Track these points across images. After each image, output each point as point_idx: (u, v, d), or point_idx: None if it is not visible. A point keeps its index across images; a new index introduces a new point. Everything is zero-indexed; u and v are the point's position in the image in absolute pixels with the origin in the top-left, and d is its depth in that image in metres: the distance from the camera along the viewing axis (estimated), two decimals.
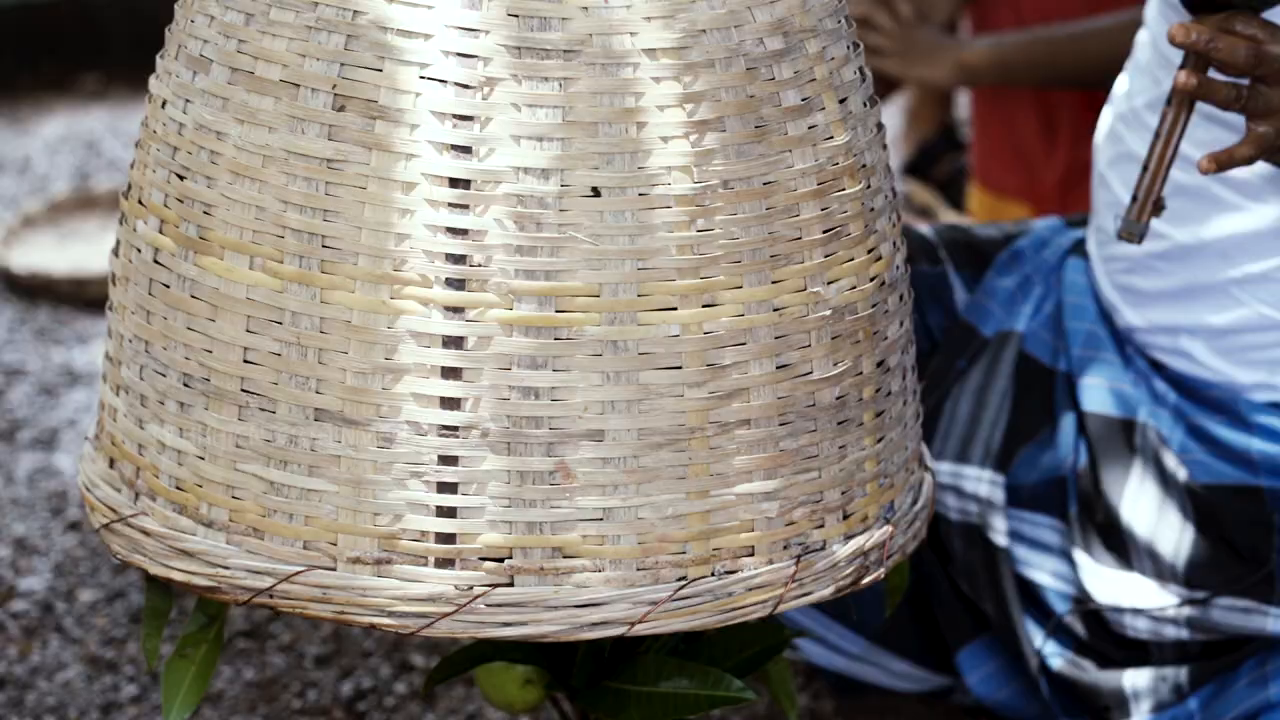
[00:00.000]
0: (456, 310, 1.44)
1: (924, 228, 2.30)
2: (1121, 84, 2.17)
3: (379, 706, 2.36)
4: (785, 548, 1.53)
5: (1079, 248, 2.24)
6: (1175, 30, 1.74)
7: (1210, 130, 2.00)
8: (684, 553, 1.50)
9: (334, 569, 1.48)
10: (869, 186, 1.56)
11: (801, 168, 1.51)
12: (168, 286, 1.51)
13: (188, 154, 1.49)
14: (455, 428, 1.45)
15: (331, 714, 2.34)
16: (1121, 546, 2.09)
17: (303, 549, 1.48)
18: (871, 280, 1.56)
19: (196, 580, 1.50)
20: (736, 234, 1.48)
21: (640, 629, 1.49)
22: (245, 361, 1.47)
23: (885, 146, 1.61)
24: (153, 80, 1.55)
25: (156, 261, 1.51)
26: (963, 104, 4.00)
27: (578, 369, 1.46)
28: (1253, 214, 2.03)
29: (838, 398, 1.54)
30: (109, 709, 2.35)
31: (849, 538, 1.57)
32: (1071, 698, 2.13)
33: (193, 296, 1.49)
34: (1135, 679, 2.08)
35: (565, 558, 1.48)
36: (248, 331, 1.47)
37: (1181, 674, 2.07)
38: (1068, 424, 2.14)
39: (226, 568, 1.49)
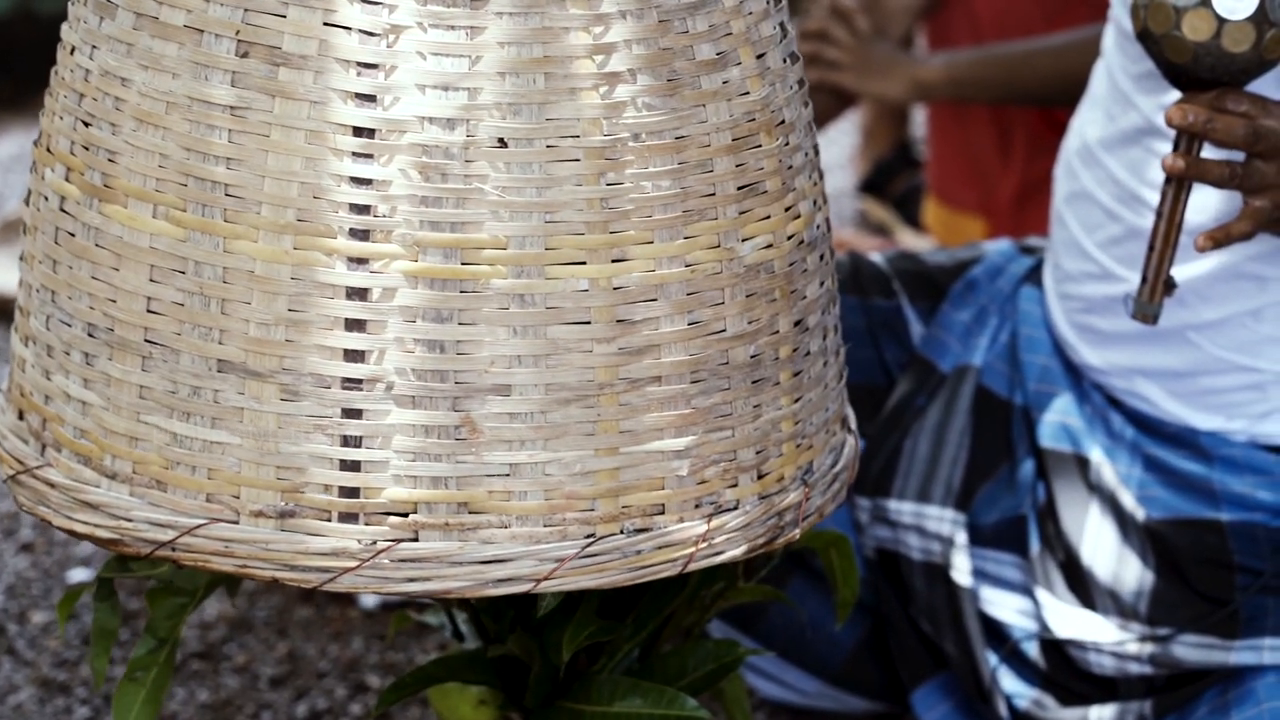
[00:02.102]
0: (361, 261, 1.43)
1: (876, 257, 2.29)
2: (1078, 117, 2.15)
3: None
4: (697, 506, 1.52)
5: (1033, 275, 2.22)
6: (1171, 113, 1.74)
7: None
8: (592, 510, 1.48)
9: (237, 522, 1.46)
10: (787, 143, 1.54)
11: (716, 122, 1.49)
12: (73, 235, 1.49)
13: (93, 100, 1.48)
14: (359, 381, 1.44)
15: None
16: (1083, 586, 2.08)
17: (205, 502, 1.46)
18: (790, 239, 1.55)
19: (99, 533, 1.48)
20: (647, 188, 1.46)
21: (546, 585, 1.47)
22: (148, 311, 1.46)
23: (807, 104, 1.59)
24: (64, 27, 1.53)
25: (63, 210, 1.50)
26: (919, 121, 3.99)
27: (484, 323, 1.44)
28: (1208, 260, 2.01)
29: (752, 356, 1.53)
30: None
31: (764, 498, 1.55)
32: None
33: (97, 245, 1.47)
34: (1101, 713, 2.08)
35: (471, 513, 1.46)
36: (151, 281, 1.46)
37: (1146, 706, 2.06)
38: (1026, 460, 2.13)
39: (129, 520, 1.47)
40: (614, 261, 1.46)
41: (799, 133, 1.56)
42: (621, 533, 1.49)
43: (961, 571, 2.12)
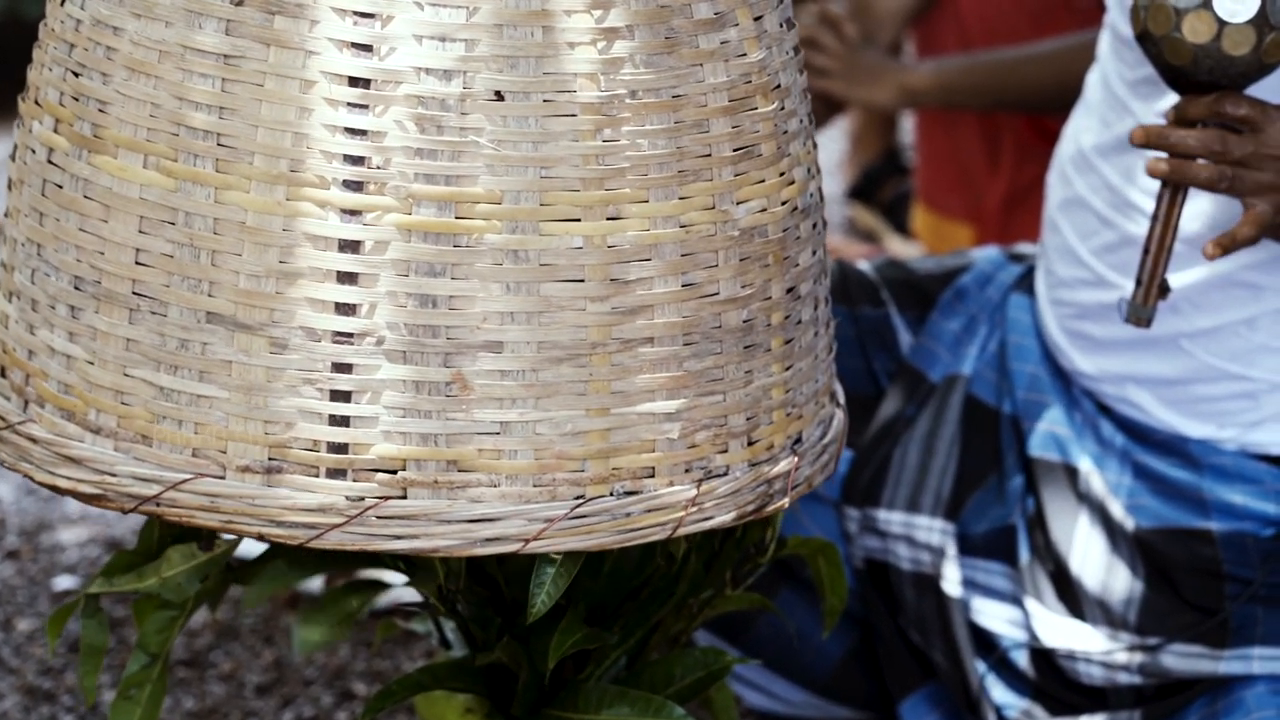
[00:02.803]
0: (354, 213, 1.41)
1: (864, 265, 2.28)
2: (1071, 124, 2.15)
3: None
4: (687, 470, 1.50)
5: (1022, 283, 2.21)
6: (1135, 133, 1.76)
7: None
8: (582, 471, 1.47)
9: (223, 477, 1.44)
10: (782, 108, 1.54)
11: (713, 83, 1.48)
12: (61, 187, 1.47)
13: (84, 50, 1.46)
14: (350, 334, 1.42)
15: None
16: (1072, 595, 2.07)
17: (191, 456, 1.45)
18: (783, 204, 1.54)
19: (82, 488, 1.46)
20: (643, 146, 1.45)
21: (535, 546, 1.45)
22: (137, 263, 1.44)
23: (802, 71, 1.58)
24: None
25: (50, 162, 1.48)
26: (907, 128, 4.00)
27: (477, 278, 1.43)
28: (1202, 268, 2.01)
29: (745, 321, 1.52)
30: None
31: (753, 465, 1.54)
32: None
33: (85, 196, 1.46)
34: None
35: (460, 471, 1.44)
36: (140, 232, 1.44)
37: (1135, 716, 2.05)
38: (1015, 469, 2.12)
39: (113, 475, 1.45)
40: (608, 219, 1.45)
41: (794, 98, 1.55)
42: (611, 495, 1.48)
43: (951, 582, 2.11)
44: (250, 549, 1.69)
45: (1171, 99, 1.98)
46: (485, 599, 1.71)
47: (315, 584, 2.50)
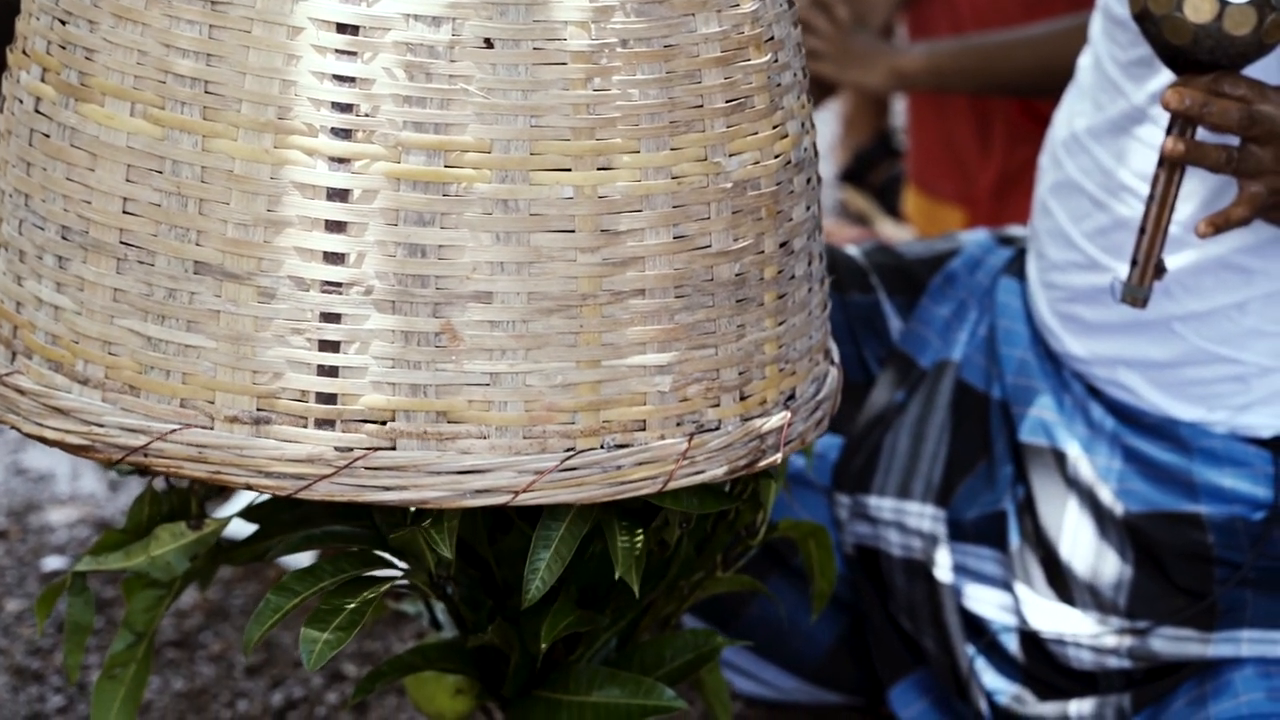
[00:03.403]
0: (342, 161, 1.40)
1: (853, 250, 2.27)
2: (1064, 106, 2.14)
3: (310, 717, 2.31)
4: (678, 424, 1.49)
5: (1011, 267, 2.21)
6: (1168, 96, 1.73)
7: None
8: (573, 423, 1.46)
9: (211, 428, 1.43)
10: (776, 60, 1.52)
11: (705, 33, 1.47)
12: (48, 136, 1.46)
13: None
14: (339, 284, 1.41)
15: None
16: (1061, 580, 2.06)
17: (179, 407, 1.44)
18: (776, 158, 1.53)
19: (69, 439, 1.45)
20: (634, 96, 1.44)
21: (525, 499, 1.44)
22: (124, 213, 1.43)
23: (796, 25, 1.57)
24: None
25: (38, 111, 1.47)
26: (899, 111, 3.99)
27: (467, 227, 1.42)
28: (1193, 252, 2.00)
29: (737, 274, 1.50)
30: (35, 719, 2.30)
31: (746, 419, 1.53)
32: None
33: (72, 145, 1.45)
34: (1080, 707, 2.06)
35: (450, 423, 1.43)
36: (127, 181, 1.43)
37: (1125, 699, 2.04)
38: (1005, 455, 2.12)
39: (100, 426, 1.44)
40: (599, 170, 1.44)
41: (788, 51, 1.54)
42: (602, 447, 1.47)
43: (942, 567, 2.10)
44: (239, 530, 1.68)
45: (1164, 80, 1.97)
46: (476, 581, 1.70)
47: (304, 559, 2.49)
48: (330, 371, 1.42)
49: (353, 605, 1.53)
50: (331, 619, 1.52)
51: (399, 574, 1.60)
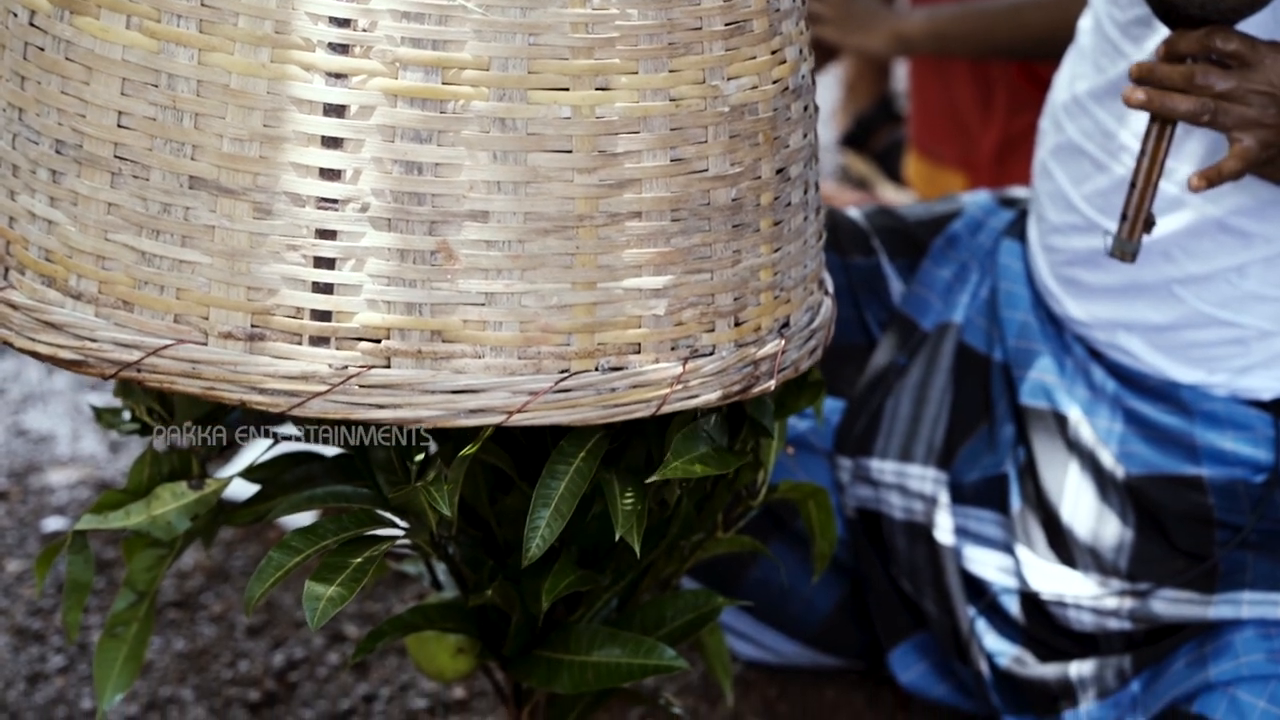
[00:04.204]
0: (339, 77, 1.40)
1: (854, 214, 2.27)
2: (1064, 70, 2.14)
3: (311, 677, 2.31)
4: (673, 348, 1.49)
5: (1013, 229, 2.20)
6: (1127, 94, 1.74)
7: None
8: (568, 345, 1.45)
9: (205, 344, 1.43)
10: None
11: None
12: (42, 49, 1.45)
13: None
14: (335, 200, 1.41)
15: (263, 685, 2.30)
16: (1063, 543, 2.06)
17: (173, 323, 1.43)
18: (774, 83, 1.52)
19: (62, 354, 1.45)
20: (633, 16, 1.43)
21: (519, 419, 1.44)
22: (119, 126, 1.42)
23: None
24: None
25: (33, 24, 1.46)
26: (900, 76, 3.97)
27: (464, 145, 1.41)
28: (1194, 212, 1.99)
29: (733, 199, 1.50)
30: (36, 679, 2.30)
31: (740, 345, 1.52)
32: (1015, 694, 2.09)
33: (67, 59, 1.44)
34: (1080, 669, 2.06)
35: (444, 342, 1.43)
36: (122, 95, 1.42)
37: (1125, 661, 2.05)
38: (1006, 417, 2.11)
39: (94, 340, 1.44)
40: (597, 90, 1.43)
41: None
42: (596, 370, 1.46)
43: (943, 530, 2.10)
44: (240, 491, 1.68)
45: (1159, 38, 1.96)
46: (477, 540, 1.70)
47: (306, 518, 2.49)
48: (325, 289, 1.42)
49: (356, 562, 1.52)
50: (334, 576, 1.51)
51: (400, 533, 1.60)
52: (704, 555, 1.73)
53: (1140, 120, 2.01)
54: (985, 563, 2.10)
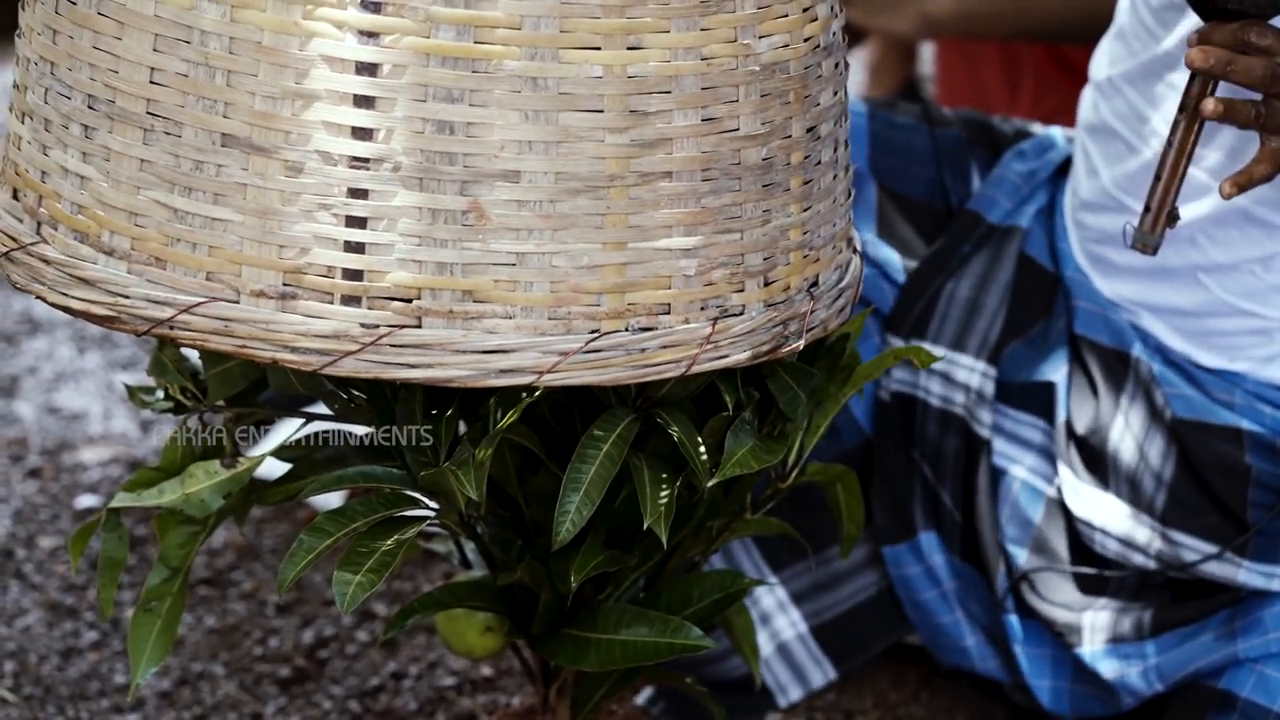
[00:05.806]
0: (371, 35, 1.40)
1: (946, 110, 2.28)
2: (1101, 51, 2.13)
3: (340, 654, 2.32)
4: (702, 308, 1.49)
5: (1064, 169, 2.21)
6: (1193, 55, 1.70)
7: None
8: (598, 305, 1.45)
9: (237, 302, 1.43)
10: None
11: None
12: (74, 3, 1.45)
13: None
14: (366, 159, 1.41)
15: (293, 661, 2.30)
16: (1103, 470, 2.05)
17: (205, 280, 1.43)
18: (806, 41, 1.52)
19: (95, 310, 1.45)
20: None
21: (549, 379, 1.44)
22: (151, 83, 1.42)
23: None
24: None
25: None
26: (927, 58, 3.96)
27: (495, 105, 1.41)
28: (1218, 202, 1.99)
29: (764, 159, 1.50)
30: (69, 654, 2.31)
31: (770, 305, 1.52)
32: (1023, 615, 2.09)
33: (99, 13, 1.44)
34: (1095, 619, 2.05)
35: (475, 302, 1.43)
36: (154, 51, 1.42)
37: (1145, 616, 2.04)
38: (1061, 336, 2.11)
39: (126, 297, 1.44)
40: (629, 49, 1.43)
41: None
42: (626, 330, 1.46)
43: (982, 425, 2.09)
44: (271, 470, 1.68)
45: (1193, 25, 1.95)
46: (506, 520, 1.70)
47: (336, 499, 2.50)
48: (357, 248, 1.42)
49: (384, 547, 1.53)
50: (364, 561, 1.52)
51: (430, 514, 1.60)
52: (731, 537, 1.74)
53: (1170, 104, 2.00)
54: (1020, 462, 2.09)
